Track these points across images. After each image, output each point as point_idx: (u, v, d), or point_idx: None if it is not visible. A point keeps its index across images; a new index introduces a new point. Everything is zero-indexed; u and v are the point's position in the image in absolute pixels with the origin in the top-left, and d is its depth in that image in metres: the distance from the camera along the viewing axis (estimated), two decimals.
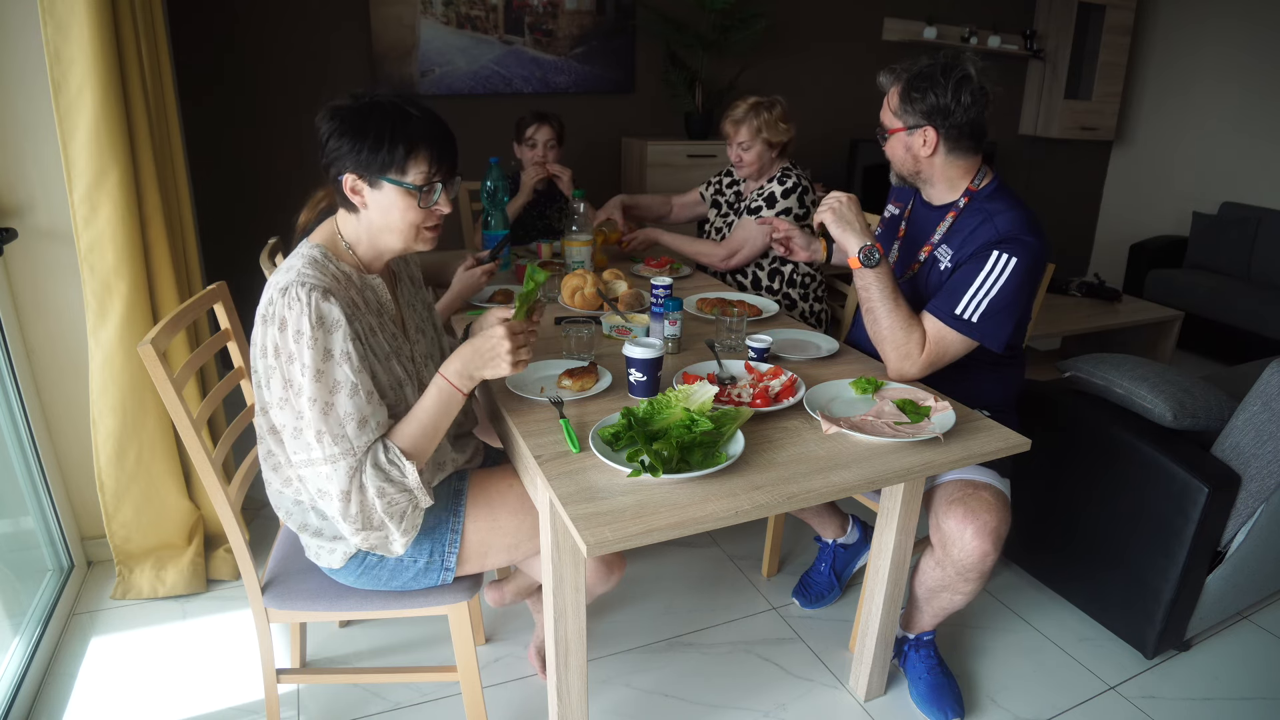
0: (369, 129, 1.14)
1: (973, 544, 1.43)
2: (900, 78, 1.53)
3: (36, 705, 1.64)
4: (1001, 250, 1.46)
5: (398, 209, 1.19)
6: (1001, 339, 1.49)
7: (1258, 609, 2.04)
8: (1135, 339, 3.30)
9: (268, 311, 1.12)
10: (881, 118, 1.60)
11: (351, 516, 1.16)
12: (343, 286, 1.18)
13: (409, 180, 1.17)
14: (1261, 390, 1.64)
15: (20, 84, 1.73)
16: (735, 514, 1.08)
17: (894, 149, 1.59)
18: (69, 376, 1.92)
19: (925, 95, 1.49)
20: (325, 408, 1.11)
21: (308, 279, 1.12)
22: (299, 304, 1.09)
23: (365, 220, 1.21)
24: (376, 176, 1.16)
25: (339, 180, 1.17)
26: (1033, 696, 1.74)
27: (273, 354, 1.12)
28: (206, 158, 2.96)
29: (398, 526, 1.21)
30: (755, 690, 1.74)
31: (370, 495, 1.16)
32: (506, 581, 1.77)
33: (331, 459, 1.13)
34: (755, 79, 3.78)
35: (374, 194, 1.18)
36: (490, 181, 2.17)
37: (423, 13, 3.29)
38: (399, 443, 1.18)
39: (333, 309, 1.11)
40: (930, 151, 1.54)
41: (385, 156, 1.15)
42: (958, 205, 1.58)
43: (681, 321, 1.66)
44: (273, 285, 1.14)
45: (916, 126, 1.53)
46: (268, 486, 1.30)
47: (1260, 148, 4.41)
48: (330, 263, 1.19)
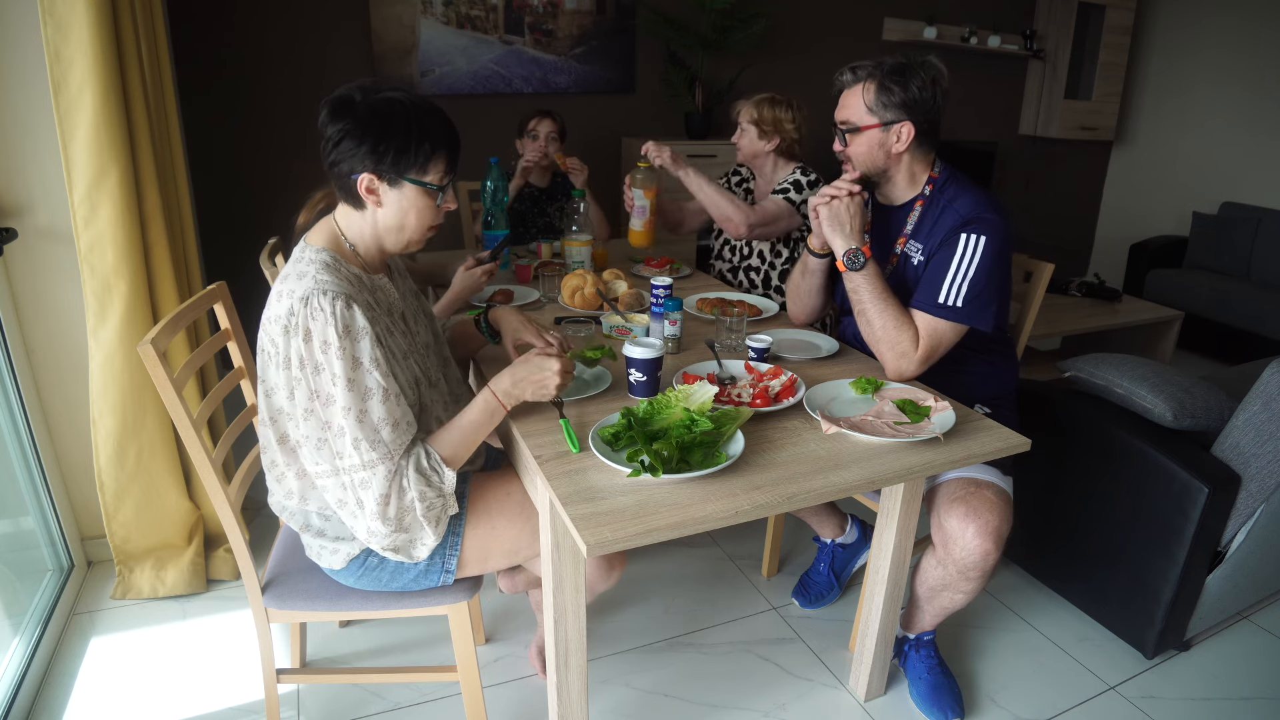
0: (393, 129, 1.13)
1: (975, 543, 1.43)
2: (872, 74, 1.52)
3: (36, 705, 1.64)
4: (969, 232, 1.48)
5: (416, 209, 1.19)
6: (989, 318, 1.50)
7: (1258, 609, 2.04)
8: (1135, 339, 3.30)
9: (290, 323, 1.09)
10: (845, 116, 1.57)
11: (390, 519, 1.17)
12: (358, 290, 1.17)
13: (429, 180, 1.17)
14: (1261, 390, 1.64)
15: (20, 84, 1.73)
16: (735, 514, 1.08)
17: (861, 147, 1.56)
18: (69, 376, 1.92)
19: (906, 88, 1.49)
20: (360, 415, 1.11)
21: (328, 286, 1.10)
22: (323, 314, 1.08)
23: (373, 219, 1.20)
24: (398, 176, 1.16)
25: (352, 179, 1.15)
26: (1033, 696, 1.74)
27: (297, 366, 1.11)
28: (206, 158, 2.96)
29: (433, 529, 1.22)
30: (755, 690, 1.74)
31: (410, 498, 1.16)
32: (519, 570, 1.78)
33: (370, 464, 1.13)
34: (755, 79, 3.77)
35: (392, 193, 1.17)
36: (490, 181, 2.17)
37: (423, 13, 3.29)
38: (440, 449, 1.20)
39: (357, 316, 1.10)
40: (904, 147, 1.54)
41: (410, 157, 1.14)
42: (924, 195, 1.59)
43: (681, 321, 1.66)
44: (290, 294, 1.11)
45: (894, 121, 1.52)
46: (270, 496, 1.29)
47: (1260, 147, 4.41)
48: (341, 266, 1.18)
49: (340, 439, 1.12)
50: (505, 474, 1.41)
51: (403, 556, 1.24)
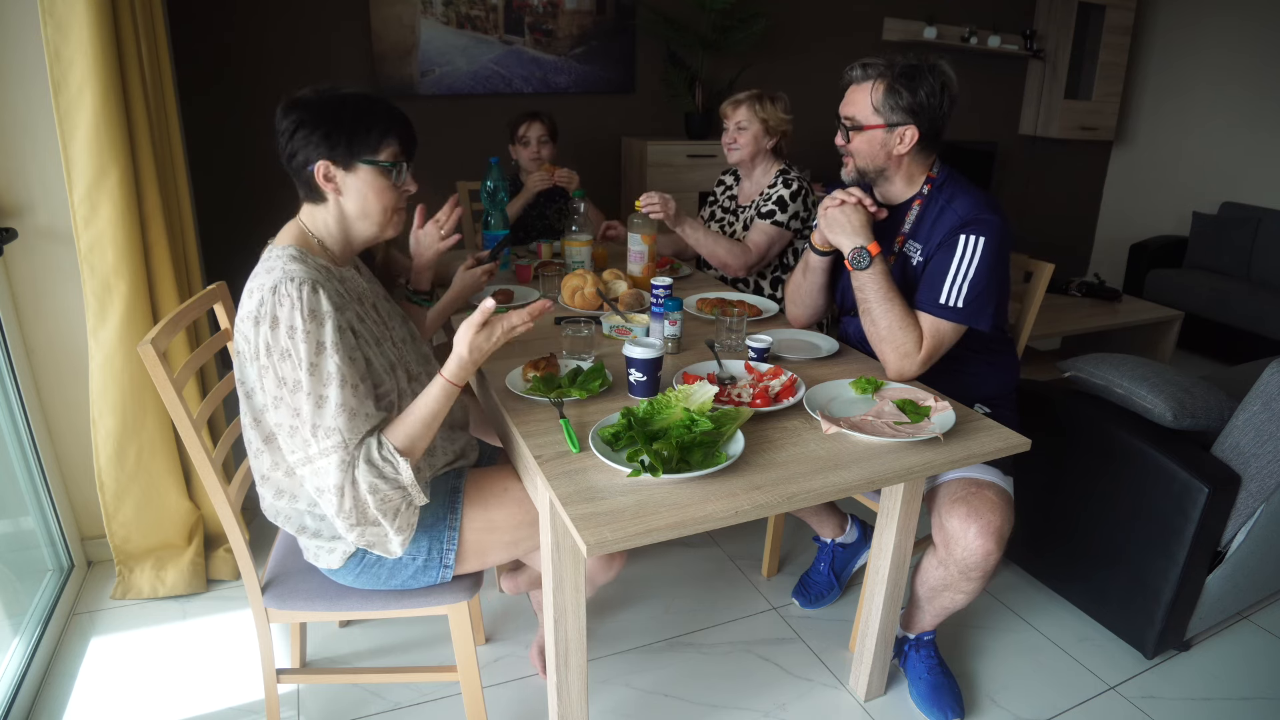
0: (343, 115, 1.17)
1: (976, 543, 1.43)
2: (883, 74, 1.51)
3: (36, 705, 1.64)
4: (968, 233, 1.48)
5: (374, 190, 1.21)
6: (988, 317, 1.51)
7: (1258, 609, 2.04)
8: (1135, 339, 3.30)
9: (259, 312, 1.11)
10: (850, 112, 1.55)
11: (345, 512, 1.16)
12: (326, 279, 1.18)
13: (383, 159, 1.19)
14: (1261, 390, 1.64)
15: (20, 84, 1.73)
16: (735, 514, 1.08)
17: (863, 145, 1.55)
18: (69, 376, 1.92)
19: (915, 93, 1.48)
20: (319, 401, 1.11)
21: (295, 274, 1.11)
22: (289, 299, 1.09)
23: (336, 210, 1.22)
24: (352, 160, 1.18)
25: (309, 170, 1.18)
26: (1033, 696, 1.74)
27: (264, 354, 1.11)
28: (206, 158, 2.95)
29: (392, 524, 1.21)
30: (755, 690, 1.74)
31: (363, 491, 1.15)
32: (520, 571, 1.78)
33: (324, 453, 1.12)
34: (755, 79, 3.76)
35: (348, 178, 1.19)
36: (490, 181, 2.17)
37: (423, 13, 3.29)
38: (393, 440, 1.17)
39: (322, 300, 1.11)
40: (906, 150, 1.53)
41: (361, 139, 1.17)
42: (922, 194, 1.59)
43: (681, 321, 1.66)
44: (260, 288, 1.12)
45: (899, 124, 1.51)
46: (261, 502, 1.29)
47: (1260, 147, 4.41)
48: (308, 258, 1.19)
49: (305, 426, 1.12)
50: (502, 468, 1.41)
51: (380, 551, 1.24)
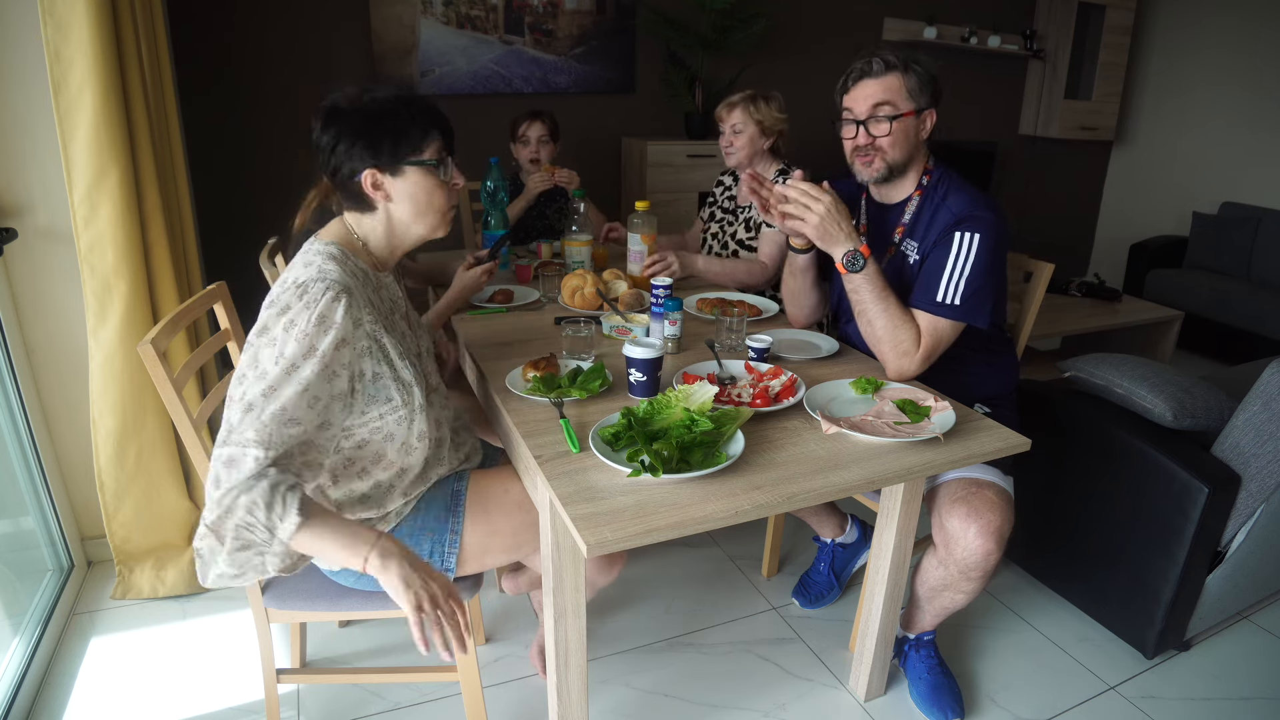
0: (383, 120, 1.15)
1: (976, 543, 1.43)
2: (904, 62, 1.53)
3: (36, 705, 1.64)
4: (963, 230, 1.48)
5: (424, 190, 1.20)
6: (986, 314, 1.51)
7: (1258, 609, 2.04)
8: (1135, 339, 3.30)
9: (276, 296, 1.10)
10: (888, 97, 1.51)
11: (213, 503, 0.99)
12: (361, 284, 1.17)
13: (428, 157, 1.18)
14: (1261, 390, 1.64)
15: (20, 84, 1.73)
16: (735, 514, 1.08)
17: (899, 134, 1.53)
18: (69, 376, 1.92)
19: (931, 78, 1.52)
20: (270, 392, 1.03)
21: (329, 275, 1.10)
22: (309, 298, 1.07)
23: (386, 216, 1.21)
24: (398, 164, 1.17)
25: (355, 180, 1.16)
26: (1033, 696, 1.74)
27: (256, 335, 1.08)
28: (206, 158, 2.95)
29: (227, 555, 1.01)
30: (755, 690, 1.74)
31: (240, 504, 0.98)
32: (520, 572, 1.78)
33: (244, 443, 1.00)
34: (755, 79, 3.76)
35: (397, 183, 1.18)
36: (490, 181, 2.17)
37: (423, 13, 3.29)
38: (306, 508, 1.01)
39: (338, 313, 1.08)
40: (927, 135, 1.56)
41: (404, 141, 1.16)
42: (921, 186, 1.60)
43: (681, 321, 1.66)
44: (292, 282, 1.10)
45: (928, 108, 1.54)
46: None
47: (1260, 147, 4.41)
48: (349, 259, 1.19)
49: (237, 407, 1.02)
50: (503, 470, 1.41)
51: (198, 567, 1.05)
